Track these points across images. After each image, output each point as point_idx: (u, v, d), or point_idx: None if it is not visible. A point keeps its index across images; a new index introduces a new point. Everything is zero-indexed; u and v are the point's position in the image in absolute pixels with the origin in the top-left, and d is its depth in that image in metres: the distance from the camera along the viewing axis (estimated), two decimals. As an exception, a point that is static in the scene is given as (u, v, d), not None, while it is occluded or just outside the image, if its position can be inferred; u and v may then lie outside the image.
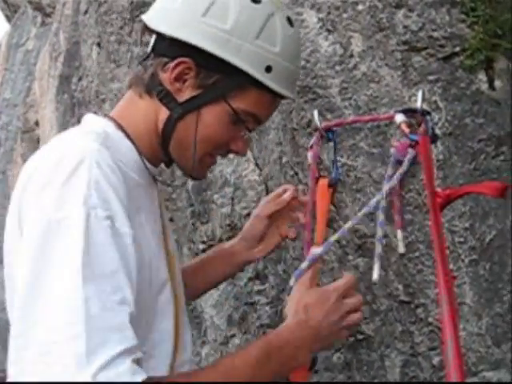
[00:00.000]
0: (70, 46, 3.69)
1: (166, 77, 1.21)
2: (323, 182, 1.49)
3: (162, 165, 1.36)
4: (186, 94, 1.21)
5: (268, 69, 1.21)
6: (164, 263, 1.27)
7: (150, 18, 1.26)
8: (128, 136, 1.25)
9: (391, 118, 1.44)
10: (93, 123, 1.27)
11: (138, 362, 1.00)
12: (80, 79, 3.49)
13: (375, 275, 1.32)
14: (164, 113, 1.23)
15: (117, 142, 1.22)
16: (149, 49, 1.27)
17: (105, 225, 1.04)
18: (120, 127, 1.25)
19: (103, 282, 1.00)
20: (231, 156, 2.07)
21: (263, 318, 1.94)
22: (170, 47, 1.21)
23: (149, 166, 1.28)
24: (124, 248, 1.06)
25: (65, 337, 0.96)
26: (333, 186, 1.51)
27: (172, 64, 1.20)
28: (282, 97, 1.29)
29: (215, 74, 1.20)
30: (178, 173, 2.14)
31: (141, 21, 1.31)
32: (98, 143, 1.15)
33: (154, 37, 1.26)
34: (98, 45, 3.01)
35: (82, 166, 1.06)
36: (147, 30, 1.26)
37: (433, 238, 1.22)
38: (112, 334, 0.97)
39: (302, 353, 1.19)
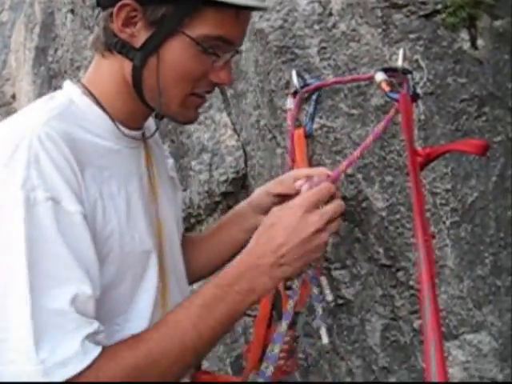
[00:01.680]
0: (45, 16, 3.58)
1: (116, 27, 1.12)
2: (299, 132, 1.45)
3: None
4: (141, 38, 1.12)
5: None
6: (145, 233, 1.19)
7: None
8: (97, 101, 1.18)
9: (372, 78, 1.40)
10: (61, 92, 1.21)
11: (95, 335, 0.99)
12: (56, 50, 3.40)
13: (325, 339, 1.26)
14: (128, 65, 1.15)
15: (83, 110, 1.16)
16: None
17: (46, 207, 0.99)
18: (88, 93, 1.18)
19: (47, 266, 0.97)
20: (208, 122, 2.03)
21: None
22: None
23: (126, 131, 1.20)
24: (72, 228, 1.01)
25: (11, 327, 0.95)
26: (308, 136, 1.47)
27: (115, 11, 1.11)
28: (248, 8, 1.15)
29: (162, 6, 1.09)
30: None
31: None
32: (52, 114, 1.09)
33: None
34: (72, 12, 2.92)
35: (22, 143, 1.00)
36: None
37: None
38: (55, 319, 0.96)
39: (259, 282, 1.07)
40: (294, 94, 1.49)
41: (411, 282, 1.48)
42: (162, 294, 1.22)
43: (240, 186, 1.94)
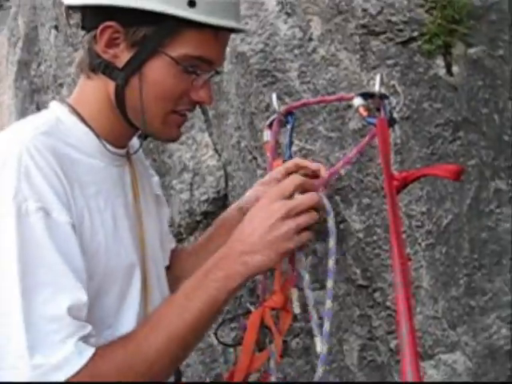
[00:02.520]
0: (29, 30, 3.59)
1: (99, 48, 1.16)
2: (277, 163, 1.47)
3: None
4: (123, 58, 1.15)
5: (191, 3, 1.12)
6: (130, 249, 1.22)
7: None
8: (83, 120, 1.21)
9: (342, 99, 1.43)
10: (47, 110, 1.24)
11: (88, 338, 1.02)
12: (39, 65, 3.41)
13: (318, 348, 1.28)
14: (111, 84, 1.18)
15: (70, 128, 1.18)
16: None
17: (37, 217, 1.01)
18: (75, 112, 1.21)
19: (40, 275, 1.00)
20: (190, 142, 2.05)
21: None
22: (92, 17, 1.16)
23: (111, 148, 1.23)
24: (62, 237, 1.04)
25: (5, 336, 0.98)
26: None
27: (98, 32, 1.14)
28: (227, 29, 1.18)
29: (143, 28, 1.12)
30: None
31: None
32: (39, 131, 1.11)
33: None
34: (56, 28, 2.93)
35: (11, 158, 1.03)
36: (70, 9, 1.22)
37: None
38: (50, 326, 0.98)
39: (233, 269, 1.11)
40: (270, 126, 1.50)
41: (388, 303, 1.51)
42: (145, 310, 1.23)
43: (221, 205, 1.96)
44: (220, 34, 1.16)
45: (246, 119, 1.69)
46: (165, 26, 1.13)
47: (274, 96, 1.54)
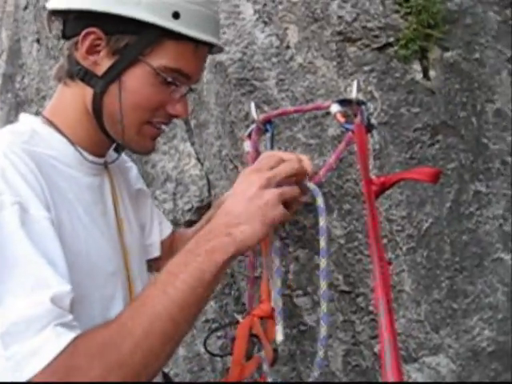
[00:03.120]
0: (12, 43, 3.58)
1: (79, 55, 1.17)
2: None
3: None
4: (103, 66, 1.16)
5: (175, 15, 1.14)
6: (112, 256, 1.22)
7: (50, 2, 1.21)
8: (59, 130, 1.21)
9: (320, 108, 1.44)
10: (20, 123, 1.23)
11: (69, 324, 0.96)
12: (23, 78, 3.40)
13: (279, 336, 1.31)
14: (89, 92, 1.18)
15: (46, 138, 1.18)
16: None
17: (12, 210, 1.00)
18: (49, 122, 1.21)
19: (15, 266, 0.97)
20: (172, 152, 2.05)
21: (208, 312, 1.92)
22: (74, 24, 1.17)
23: (89, 157, 1.23)
24: (38, 231, 1.01)
25: None
26: None
27: (80, 38, 1.15)
28: (206, 44, 1.21)
29: (125, 36, 1.14)
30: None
31: None
32: (16, 138, 1.12)
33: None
34: (38, 41, 2.93)
35: None
36: (52, 16, 1.22)
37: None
38: (31, 312, 0.94)
39: (218, 242, 1.07)
40: (249, 135, 1.50)
41: (371, 308, 1.51)
42: None
43: (204, 214, 1.96)
44: (199, 48, 1.19)
45: (226, 128, 1.70)
46: (147, 34, 1.14)
47: (253, 105, 1.55)
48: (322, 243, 1.23)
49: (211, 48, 1.25)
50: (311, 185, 1.28)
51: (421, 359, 1.48)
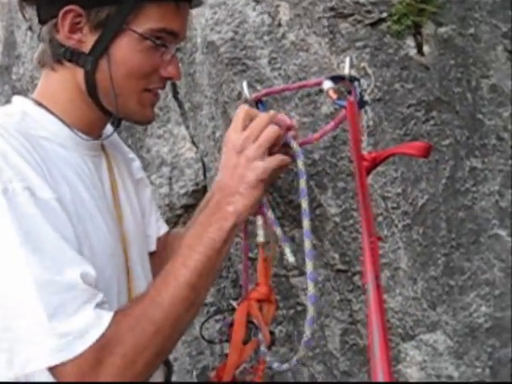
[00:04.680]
0: (8, 34, 3.56)
1: (62, 36, 1.15)
2: None
3: None
4: (89, 42, 1.15)
5: None
6: (111, 237, 1.22)
7: None
8: (51, 112, 1.19)
9: (319, 84, 1.42)
10: (11, 105, 1.22)
11: (101, 306, 1.04)
12: (19, 68, 3.38)
13: (290, 258, 1.31)
14: (79, 72, 1.17)
15: (38, 120, 1.17)
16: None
17: (25, 196, 1.02)
18: (40, 105, 1.20)
19: (43, 250, 1.00)
20: (167, 135, 2.04)
21: (206, 296, 1.91)
22: (48, 6, 1.16)
23: (84, 137, 1.22)
24: (51, 213, 1.04)
25: (23, 314, 0.98)
26: None
27: (59, 19, 1.14)
28: (186, 0, 1.21)
29: (105, 7, 1.13)
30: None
31: None
32: (10, 120, 1.12)
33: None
34: (30, 28, 2.91)
35: None
36: (24, 2, 1.21)
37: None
38: (67, 294, 0.99)
39: (224, 210, 1.17)
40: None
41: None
42: (129, 298, 1.24)
43: (200, 197, 1.94)
44: (180, 5, 1.19)
45: (220, 109, 1.68)
46: (126, 3, 1.13)
47: (245, 84, 1.53)
48: (304, 205, 1.23)
49: (191, 3, 1.24)
50: (294, 144, 1.27)
51: (418, 336, 1.48)
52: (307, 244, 1.26)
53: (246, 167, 1.17)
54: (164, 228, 1.59)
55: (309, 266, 1.27)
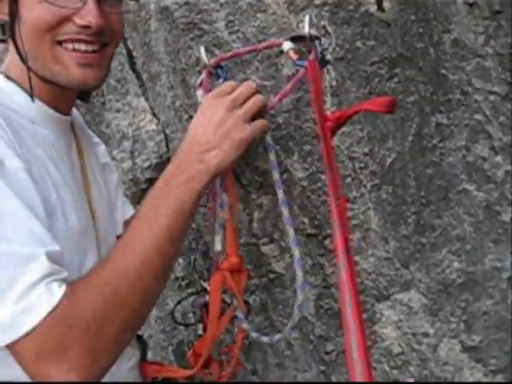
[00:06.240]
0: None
1: None
2: None
3: None
4: (6, 10, 1.12)
5: None
6: (82, 214, 1.19)
7: None
8: (20, 86, 1.16)
9: (279, 45, 1.38)
10: None
11: (62, 281, 0.98)
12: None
13: (217, 247, 1.31)
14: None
15: (9, 93, 1.15)
16: None
17: None
18: (10, 79, 1.18)
19: (4, 220, 0.96)
20: (126, 108, 1.98)
21: (177, 270, 1.88)
22: None
23: (50, 111, 1.19)
24: (20, 183, 0.99)
25: None
26: None
27: None
28: None
29: None
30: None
31: None
32: None
33: None
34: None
35: None
36: None
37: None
38: (23, 266, 0.94)
39: (193, 170, 1.12)
40: (201, 84, 1.43)
41: (339, 249, 1.48)
42: None
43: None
44: None
45: (178, 77, 1.63)
46: None
47: (202, 49, 1.48)
48: (276, 177, 1.22)
49: None
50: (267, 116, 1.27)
51: (392, 296, 1.47)
52: (285, 212, 1.26)
53: (234, 125, 1.13)
54: (130, 211, 1.57)
55: (290, 233, 1.27)
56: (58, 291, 0.95)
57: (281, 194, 1.25)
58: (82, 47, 1.13)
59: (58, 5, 1.09)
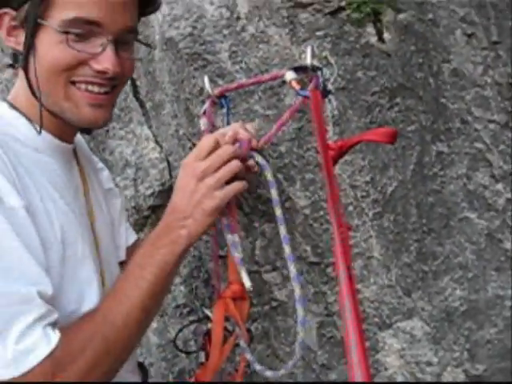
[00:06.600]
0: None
1: (4, 40, 1.16)
2: None
3: None
4: (22, 42, 1.13)
5: None
6: (84, 240, 1.20)
7: None
8: (24, 115, 1.18)
9: (281, 76, 1.40)
10: None
11: (54, 324, 1.02)
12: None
13: (247, 283, 1.29)
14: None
15: (12, 123, 1.17)
16: None
17: None
18: (14, 108, 1.19)
19: (2, 261, 0.98)
20: (130, 136, 2.00)
21: (179, 298, 1.88)
22: None
23: (55, 140, 1.21)
24: (18, 222, 1.02)
25: None
26: None
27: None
28: None
29: (24, 5, 1.11)
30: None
31: None
32: None
33: None
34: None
35: None
36: None
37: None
38: (19, 307, 0.98)
39: (175, 235, 1.17)
40: (205, 113, 1.44)
41: (341, 277, 1.49)
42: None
43: (167, 198, 1.90)
44: None
45: (182, 106, 1.65)
46: None
47: (206, 79, 1.50)
48: (278, 212, 1.23)
49: None
50: (258, 157, 1.26)
51: (395, 324, 1.47)
52: (287, 249, 1.26)
53: (204, 195, 1.16)
54: (133, 237, 1.59)
55: (292, 270, 1.27)
56: (54, 337, 1.01)
57: (283, 230, 1.25)
58: (95, 89, 1.15)
59: (78, 49, 1.11)
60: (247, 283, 1.32)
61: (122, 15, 1.14)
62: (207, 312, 1.50)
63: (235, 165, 1.19)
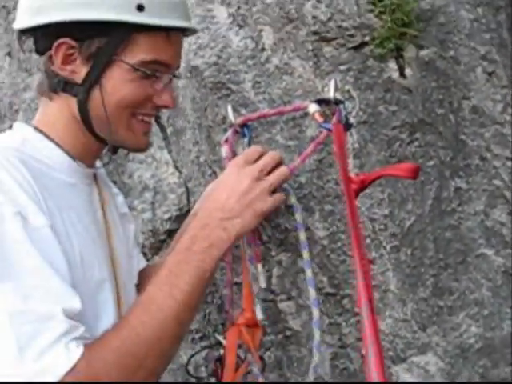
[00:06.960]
0: (-16, 60, 3.54)
1: (56, 67, 1.18)
2: None
3: None
4: (81, 73, 1.17)
5: (140, 8, 1.14)
6: (102, 263, 1.22)
7: (17, 22, 1.23)
8: (50, 138, 1.22)
9: (304, 108, 1.42)
10: (12, 131, 1.26)
11: (79, 338, 1.00)
12: (-4, 94, 3.35)
13: (259, 316, 1.34)
14: (73, 101, 1.19)
15: (37, 146, 1.20)
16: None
17: (15, 221, 1.01)
18: (40, 131, 1.23)
19: (22, 277, 0.99)
20: (149, 160, 2.02)
21: (191, 323, 1.88)
22: (43, 38, 1.18)
23: (80, 164, 1.25)
24: (43, 240, 1.03)
25: None
26: None
27: (53, 51, 1.16)
28: (178, 29, 1.22)
29: (95, 39, 1.15)
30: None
31: None
32: (7, 146, 1.14)
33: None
34: (9, 54, 2.89)
35: None
36: (22, 34, 1.23)
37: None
38: (41, 324, 0.96)
39: (214, 237, 1.14)
40: (226, 141, 1.49)
41: (356, 309, 1.49)
42: None
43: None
44: (172, 35, 1.20)
45: (203, 133, 1.68)
46: (116, 33, 1.15)
47: (230, 108, 1.53)
48: (302, 237, 1.25)
49: (184, 31, 1.26)
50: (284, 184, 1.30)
51: (409, 359, 1.47)
52: (309, 273, 1.31)
53: (258, 196, 1.18)
54: (143, 262, 1.61)
55: (312, 293, 1.31)
56: (76, 352, 0.97)
57: (306, 254, 1.28)
58: (151, 120, 1.26)
59: (147, 86, 1.18)
60: (259, 316, 1.33)
61: (180, 55, 1.26)
62: (220, 338, 1.51)
63: (285, 171, 1.25)
